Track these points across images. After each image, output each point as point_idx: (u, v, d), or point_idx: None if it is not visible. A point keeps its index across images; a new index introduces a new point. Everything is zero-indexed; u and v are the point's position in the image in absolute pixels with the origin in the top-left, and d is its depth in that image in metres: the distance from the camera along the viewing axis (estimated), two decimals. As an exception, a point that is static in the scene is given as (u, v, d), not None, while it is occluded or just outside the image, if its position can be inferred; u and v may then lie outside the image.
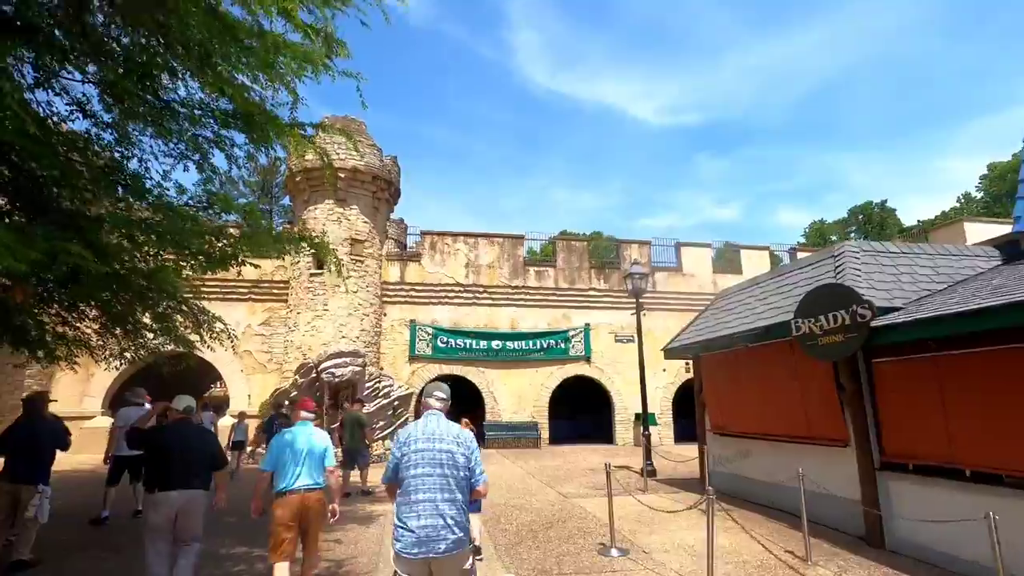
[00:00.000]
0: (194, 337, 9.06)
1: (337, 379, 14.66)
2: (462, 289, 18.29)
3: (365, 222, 17.34)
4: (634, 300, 19.32)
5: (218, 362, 16.79)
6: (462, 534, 2.81)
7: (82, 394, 15.94)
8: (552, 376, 18.30)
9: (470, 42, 73.78)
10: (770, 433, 7.62)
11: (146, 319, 8.11)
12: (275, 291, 17.37)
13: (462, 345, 17.85)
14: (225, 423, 16.25)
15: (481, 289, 18.39)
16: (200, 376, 20.56)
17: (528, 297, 18.70)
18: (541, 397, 18.11)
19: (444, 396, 3.24)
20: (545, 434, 17.75)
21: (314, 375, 14.89)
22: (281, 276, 17.43)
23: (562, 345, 18.49)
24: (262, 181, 40.13)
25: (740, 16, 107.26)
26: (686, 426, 19.48)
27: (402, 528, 2.77)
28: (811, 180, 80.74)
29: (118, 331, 8.17)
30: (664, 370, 18.89)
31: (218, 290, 17.08)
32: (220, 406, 19.07)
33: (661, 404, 18.69)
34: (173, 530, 4.27)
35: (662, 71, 75.03)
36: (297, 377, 15.06)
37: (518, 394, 18.01)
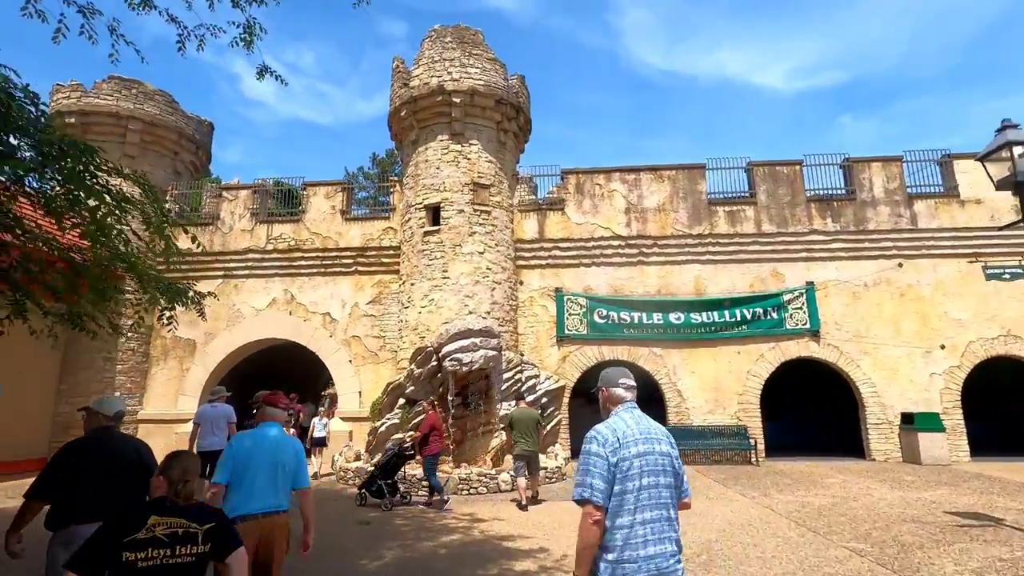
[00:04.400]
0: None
1: (465, 368, 10.47)
2: (623, 243, 13.33)
3: (489, 161, 13.07)
4: (889, 244, 13.05)
5: (321, 351, 13.51)
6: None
7: (177, 393, 13.46)
8: (762, 359, 12.66)
9: (574, 32, 67.92)
10: None
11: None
12: (384, 259, 13.74)
13: (627, 320, 12.89)
14: (338, 428, 12.92)
15: (649, 242, 13.29)
16: (314, 372, 17.76)
17: (718, 249, 13.24)
18: (748, 390, 12.56)
19: (633, 383, 2.44)
20: (760, 443, 12.19)
21: (435, 363, 10.86)
22: (390, 240, 13.76)
23: (773, 315, 12.77)
24: (380, 172, 38.65)
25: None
26: (979, 432, 12.71)
27: (624, 562, 2.05)
28: (985, 132, 63.24)
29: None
30: (943, 347, 12.38)
31: (317, 262, 13.82)
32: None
33: (943, 399, 12.19)
34: None
35: (793, 30, 62.98)
36: (413, 367, 11.15)
37: (713, 386, 12.64)
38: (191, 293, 5.77)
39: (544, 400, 11.88)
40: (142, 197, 4.76)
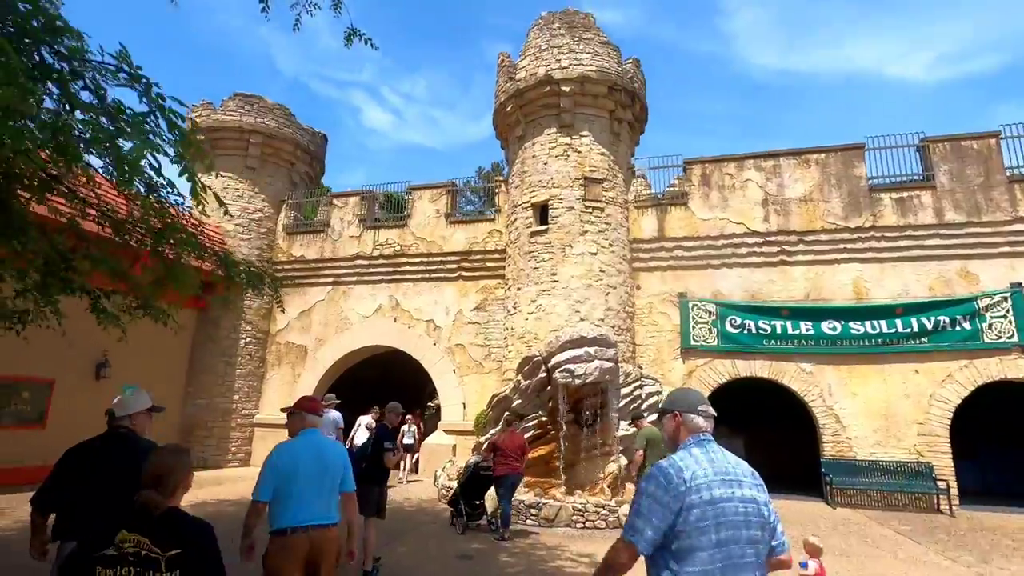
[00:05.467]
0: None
1: (578, 380, 9.26)
2: (760, 241, 11.45)
3: (602, 153, 11.88)
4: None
5: (425, 360, 12.98)
6: None
7: (289, 398, 13.57)
8: (950, 380, 10.11)
9: (681, 39, 64.36)
10: None
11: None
12: (489, 263, 12.98)
13: (768, 329, 10.95)
14: (441, 441, 12.29)
15: (794, 238, 11.28)
16: (420, 381, 17.43)
17: (884, 245, 10.91)
18: (931, 418, 10.06)
19: (713, 411, 2.03)
20: (953, 487, 9.62)
21: (543, 374, 9.76)
22: (495, 243, 12.97)
23: (965, 325, 10.18)
24: (485, 186, 38.82)
25: None
26: None
27: None
28: None
29: None
30: None
31: (422, 267, 13.37)
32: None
33: None
34: None
35: (937, 11, 54.27)
36: (520, 378, 10.13)
37: (882, 411, 10.29)
38: (266, 279, 5.09)
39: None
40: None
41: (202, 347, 13.22)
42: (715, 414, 2.05)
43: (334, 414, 10.06)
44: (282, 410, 3.89)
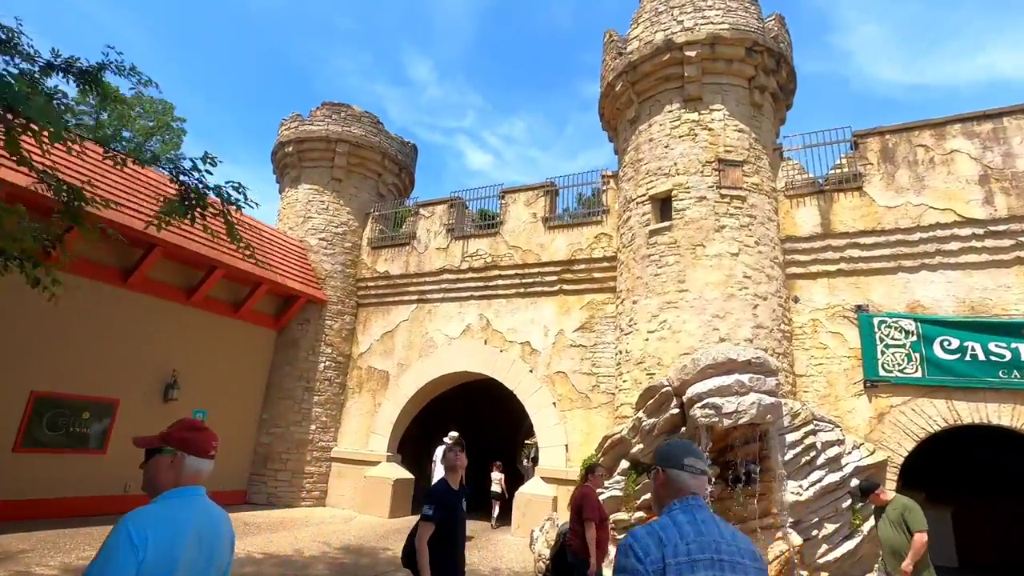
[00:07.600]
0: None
1: (727, 420, 6.63)
2: (980, 232, 8.20)
3: (739, 130, 9.37)
4: None
5: (519, 390, 10.84)
6: None
7: (369, 431, 12.02)
8: None
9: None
10: None
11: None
12: (596, 274, 10.73)
13: (1004, 355, 7.60)
14: (539, 491, 10.05)
15: (1036, 225, 7.94)
16: (515, 416, 15.31)
17: None
18: None
19: (704, 466, 1.65)
20: None
21: (675, 410, 7.24)
22: (603, 250, 10.74)
23: None
24: (587, 212, 36.89)
25: None
26: None
27: None
28: None
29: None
30: None
31: (516, 280, 11.42)
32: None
33: None
34: None
35: None
36: (641, 415, 7.68)
37: None
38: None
39: (853, 481, 7.33)
40: None
41: (280, 370, 12.13)
42: (705, 470, 1.65)
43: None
44: (135, 442, 1.98)
